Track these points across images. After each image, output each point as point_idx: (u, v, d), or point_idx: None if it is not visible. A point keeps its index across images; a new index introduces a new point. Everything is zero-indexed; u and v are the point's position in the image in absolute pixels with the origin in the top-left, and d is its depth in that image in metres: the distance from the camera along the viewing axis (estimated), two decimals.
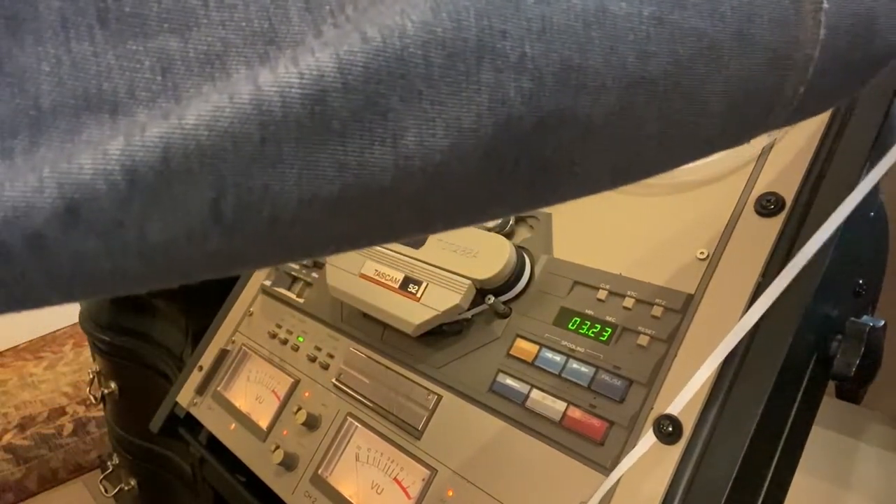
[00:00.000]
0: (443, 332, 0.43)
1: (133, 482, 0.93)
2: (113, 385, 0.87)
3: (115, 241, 0.11)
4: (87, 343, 0.91)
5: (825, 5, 0.15)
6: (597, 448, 0.33)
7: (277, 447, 0.46)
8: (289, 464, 0.46)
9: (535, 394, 0.37)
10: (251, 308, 0.59)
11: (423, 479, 0.39)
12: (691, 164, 0.36)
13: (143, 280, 0.12)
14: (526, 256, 0.42)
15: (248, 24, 0.11)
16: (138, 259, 0.11)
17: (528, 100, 0.13)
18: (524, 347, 0.39)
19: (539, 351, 0.38)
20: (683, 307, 0.34)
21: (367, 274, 0.46)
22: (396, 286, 0.44)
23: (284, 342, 0.54)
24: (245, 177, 0.11)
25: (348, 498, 0.42)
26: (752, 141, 0.36)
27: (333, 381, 0.48)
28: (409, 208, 0.14)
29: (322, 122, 0.11)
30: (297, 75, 0.11)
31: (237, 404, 0.54)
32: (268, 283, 0.59)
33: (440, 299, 0.41)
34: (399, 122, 0.12)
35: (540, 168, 0.15)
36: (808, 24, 0.15)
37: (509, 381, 0.38)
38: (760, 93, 0.16)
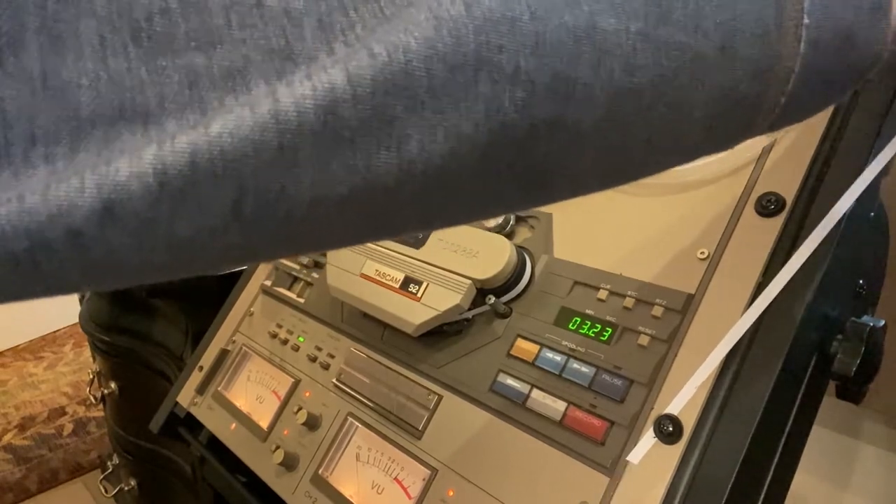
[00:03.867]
0: (443, 332, 0.43)
1: (133, 482, 0.93)
2: (113, 385, 0.87)
3: (146, 237, 0.12)
4: (87, 343, 0.91)
5: (805, 21, 0.16)
6: (597, 448, 0.33)
7: (278, 447, 0.46)
8: (289, 464, 0.46)
9: (536, 394, 0.37)
10: (251, 308, 0.59)
11: (424, 479, 0.39)
12: (691, 164, 0.36)
13: (167, 271, 0.13)
14: (526, 256, 0.42)
15: (267, 42, 0.12)
16: (165, 252, 0.13)
17: (521, 108, 0.14)
18: (525, 347, 0.39)
19: (539, 351, 0.38)
20: (684, 307, 0.34)
21: (367, 274, 0.46)
22: (397, 286, 0.44)
23: (285, 342, 0.54)
24: (263, 179, 0.12)
25: (349, 498, 0.42)
26: (752, 141, 0.36)
27: (334, 381, 0.48)
28: (411, 207, 0.15)
29: (333, 130, 0.12)
30: (311, 88, 0.12)
31: (237, 404, 0.54)
32: (268, 283, 0.59)
33: (441, 299, 0.41)
34: (403, 129, 0.13)
35: (533, 170, 0.15)
36: (789, 38, 0.16)
37: (510, 381, 0.38)
38: (742, 103, 0.17)
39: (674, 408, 0.28)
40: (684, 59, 0.15)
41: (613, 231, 0.39)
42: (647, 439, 0.30)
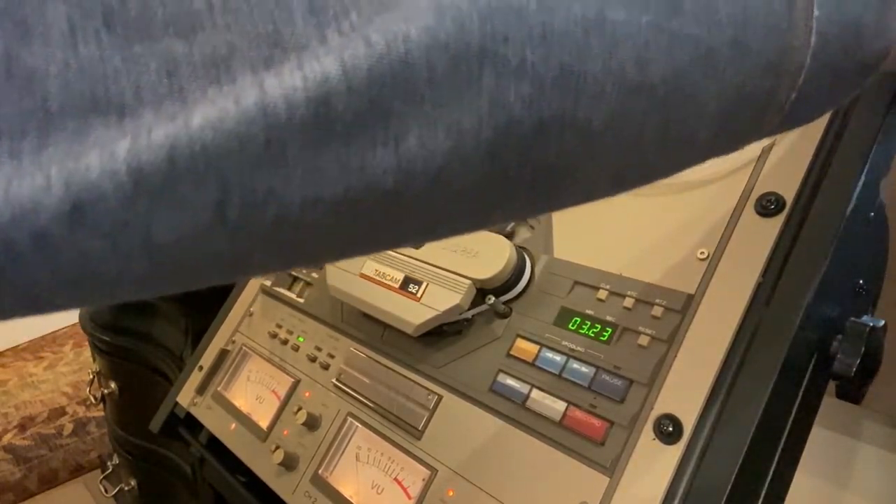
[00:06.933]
0: (443, 332, 0.43)
1: (133, 482, 0.92)
2: (113, 385, 0.87)
3: (121, 240, 0.11)
4: (87, 343, 0.91)
5: (816, 12, 0.16)
6: (597, 448, 0.33)
7: (278, 447, 0.46)
8: (289, 464, 0.46)
9: (536, 394, 0.37)
10: (251, 308, 0.59)
11: (424, 479, 0.39)
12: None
13: (149, 282, 0.12)
14: (526, 256, 0.42)
15: (253, 28, 0.12)
16: (144, 260, 0.12)
17: (527, 104, 0.13)
18: (524, 347, 0.39)
19: (539, 351, 0.38)
20: (683, 307, 0.34)
21: (367, 274, 0.46)
22: (397, 286, 0.44)
23: (285, 342, 0.54)
24: (249, 178, 0.11)
25: (348, 498, 0.42)
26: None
27: (334, 381, 0.48)
28: (412, 213, 0.14)
29: (326, 125, 0.11)
30: (302, 79, 0.11)
31: (237, 404, 0.54)
32: (268, 283, 0.59)
33: (440, 299, 0.41)
34: (401, 124, 0.12)
35: (543, 172, 0.15)
36: (800, 30, 0.16)
37: (510, 381, 0.38)
38: (754, 98, 0.16)
39: (674, 408, 0.28)
40: (697, 52, 0.15)
41: (613, 231, 0.39)
42: (647, 439, 0.29)
